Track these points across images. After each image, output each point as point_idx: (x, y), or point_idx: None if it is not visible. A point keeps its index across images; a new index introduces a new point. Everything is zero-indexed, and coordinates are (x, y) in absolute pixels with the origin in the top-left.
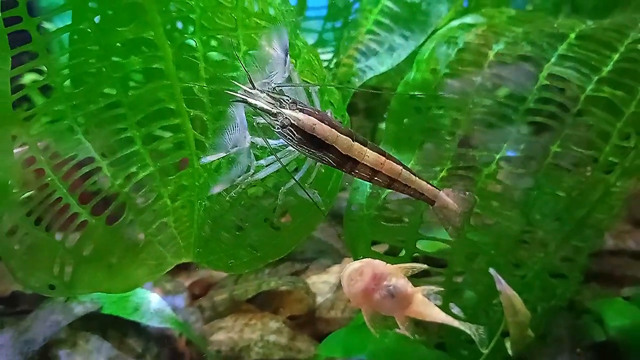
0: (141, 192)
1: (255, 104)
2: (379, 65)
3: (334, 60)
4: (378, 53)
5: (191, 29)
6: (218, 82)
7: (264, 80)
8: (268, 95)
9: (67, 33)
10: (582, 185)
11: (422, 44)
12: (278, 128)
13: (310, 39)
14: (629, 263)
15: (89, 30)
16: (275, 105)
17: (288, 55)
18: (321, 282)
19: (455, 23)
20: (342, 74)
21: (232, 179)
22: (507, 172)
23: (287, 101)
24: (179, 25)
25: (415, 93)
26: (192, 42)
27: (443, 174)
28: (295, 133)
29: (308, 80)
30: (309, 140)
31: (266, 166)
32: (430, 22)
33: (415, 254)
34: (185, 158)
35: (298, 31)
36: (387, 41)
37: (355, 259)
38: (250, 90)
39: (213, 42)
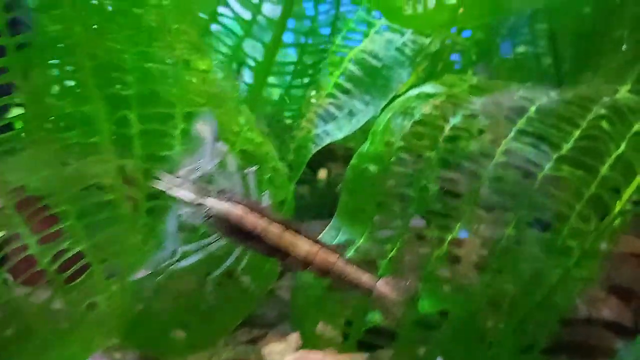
0: (71, 270)
1: (175, 196)
2: (337, 131)
3: (296, 122)
4: (337, 118)
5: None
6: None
7: (189, 168)
8: (193, 184)
9: None
10: (537, 270)
11: (383, 110)
12: (203, 219)
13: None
14: (602, 334)
15: None
16: (199, 195)
17: (217, 141)
18: (277, 353)
19: (413, 92)
20: (300, 138)
21: (157, 264)
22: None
23: (214, 190)
24: None
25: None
26: None
27: (393, 253)
28: (220, 224)
29: (251, 156)
30: (235, 231)
31: (195, 252)
32: (391, 87)
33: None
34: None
35: (241, 107)
36: (347, 106)
37: (303, 339)
38: (173, 180)
39: None
